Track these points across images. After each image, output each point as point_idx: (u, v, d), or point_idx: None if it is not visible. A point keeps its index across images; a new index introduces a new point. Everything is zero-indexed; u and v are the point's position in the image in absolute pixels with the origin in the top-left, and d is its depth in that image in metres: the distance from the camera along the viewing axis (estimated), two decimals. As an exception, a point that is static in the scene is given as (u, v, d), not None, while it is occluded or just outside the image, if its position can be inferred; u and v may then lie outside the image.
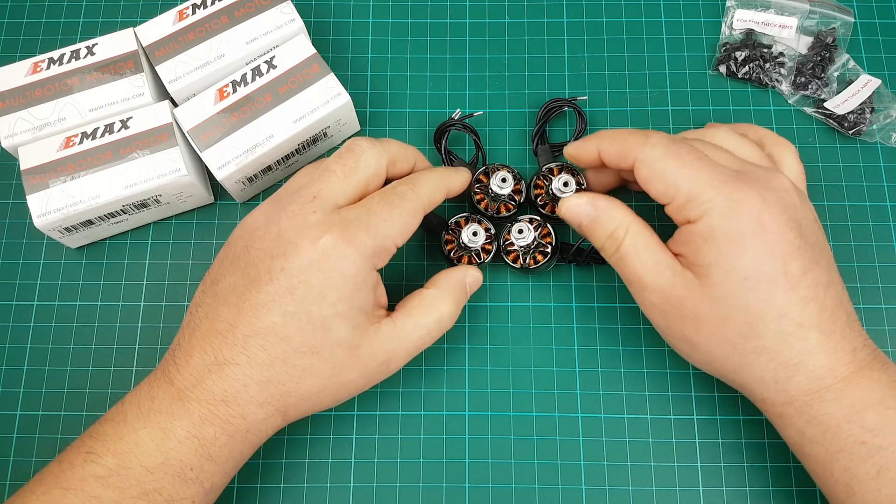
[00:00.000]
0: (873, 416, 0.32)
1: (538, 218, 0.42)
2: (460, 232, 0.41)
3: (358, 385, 0.36)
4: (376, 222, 0.34)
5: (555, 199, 0.42)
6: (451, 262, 0.41)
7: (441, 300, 0.37)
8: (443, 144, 0.44)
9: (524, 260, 0.41)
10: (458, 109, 0.45)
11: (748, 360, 0.34)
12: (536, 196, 0.42)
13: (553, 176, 0.42)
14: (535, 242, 0.40)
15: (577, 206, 0.37)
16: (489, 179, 0.42)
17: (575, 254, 0.42)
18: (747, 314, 0.33)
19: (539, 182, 0.43)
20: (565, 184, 0.41)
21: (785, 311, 0.33)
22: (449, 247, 0.41)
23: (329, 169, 0.36)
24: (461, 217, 0.42)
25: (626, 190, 0.44)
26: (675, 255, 0.35)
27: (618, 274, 0.37)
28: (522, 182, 0.42)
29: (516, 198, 0.42)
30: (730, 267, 0.33)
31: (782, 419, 0.34)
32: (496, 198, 0.42)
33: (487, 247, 0.41)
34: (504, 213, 0.42)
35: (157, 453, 0.32)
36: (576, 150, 0.39)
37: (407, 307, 0.37)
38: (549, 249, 0.41)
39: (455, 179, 0.39)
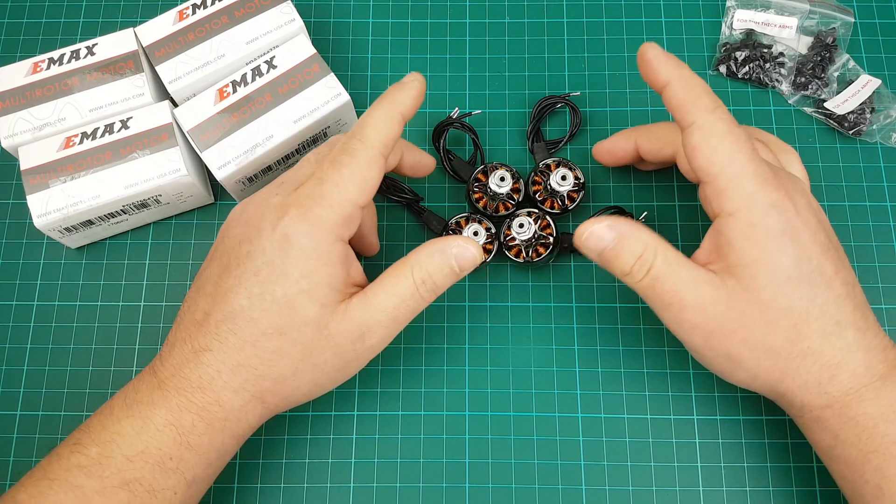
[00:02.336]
0: None
1: (536, 210, 0.42)
2: (461, 232, 0.41)
3: (335, 366, 0.34)
4: (328, 190, 0.33)
5: (553, 194, 0.42)
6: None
7: (417, 267, 0.34)
8: (441, 143, 0.44)
9: (527, 253, 0.41)
10: (457, 108, 0.45)
11: (794, 365, 0.33)
12: (535, 192, 0.42)
13: (550, 171, 0.42)
14: (536, 235, 0.40)
15: (599, 231, 0.33)
16: (487, 178, 0.42)
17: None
18: (792, 315, 0.32)
19: (537, 178, 0.43)
20: (563, 177, 0.41)
21: (825, 309, 0.32)
22: (449, 247, 0.41)
23: (304, 158, 0.36)
24: (461, 217, 0.42)
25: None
26: (706, 263, 0.34)
27: (640, 295, 0.34)
28: (521, 181, 0.43)
29: (515, 196, 0.42)
30: (774, 265, 0.32)
31: (818, 423, 0.34)
32: (495, 196, 0.42)
33: (489, 246, 0.41)
34: (503, 211, 0.42)
35: (137, 442, 0.32)
36: (655, 56, 0.34)
37: (380, 277, 0.35)
38: (550, 241, 0.41)
39: (402, 99, 0.35)
